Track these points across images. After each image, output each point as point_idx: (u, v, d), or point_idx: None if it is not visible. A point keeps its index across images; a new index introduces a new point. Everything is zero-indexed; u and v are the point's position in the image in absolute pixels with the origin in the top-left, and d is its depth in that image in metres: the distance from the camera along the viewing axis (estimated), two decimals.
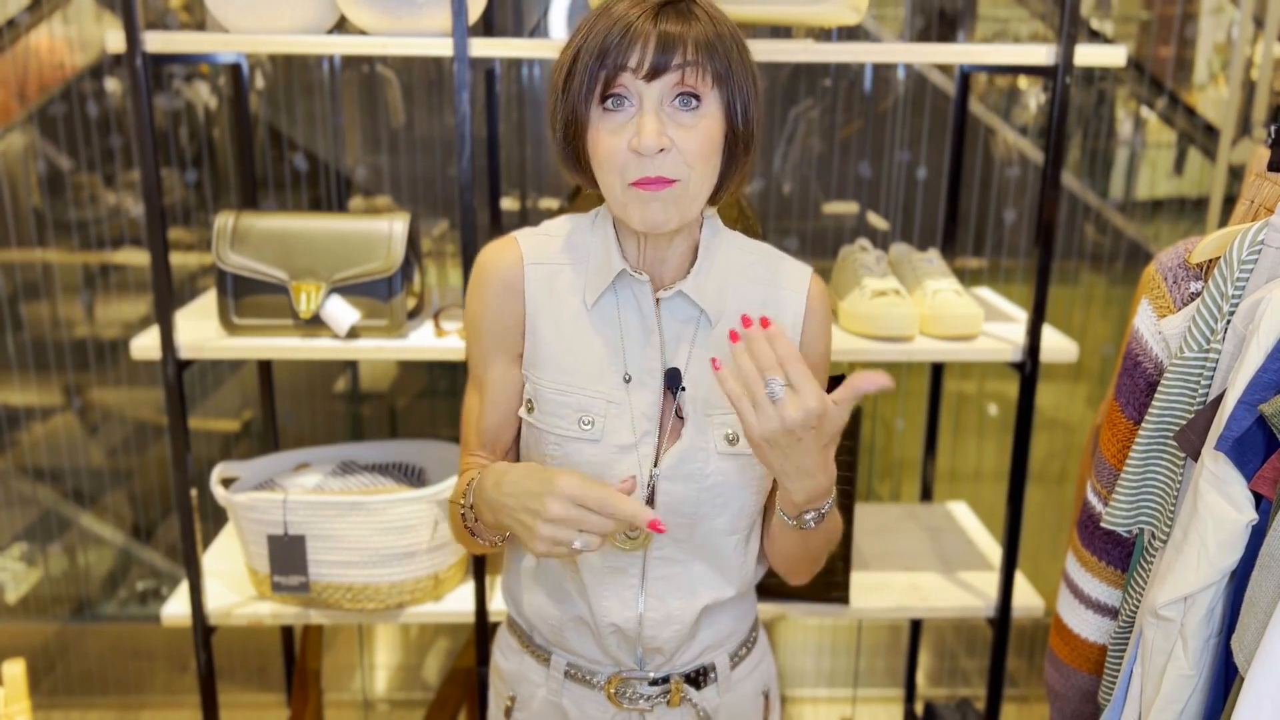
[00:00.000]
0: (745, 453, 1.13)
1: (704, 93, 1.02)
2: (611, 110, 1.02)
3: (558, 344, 1.13)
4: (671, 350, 1.13)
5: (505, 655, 1.29)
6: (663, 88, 1.01)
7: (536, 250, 1.15)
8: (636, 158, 1.01)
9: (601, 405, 1.11)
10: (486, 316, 1.15)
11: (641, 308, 1.13)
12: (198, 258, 2.50)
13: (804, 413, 0.93)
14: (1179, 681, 0.99)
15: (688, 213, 1.05)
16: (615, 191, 1.04)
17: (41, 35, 2.36)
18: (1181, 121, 2.53)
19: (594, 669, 1.21)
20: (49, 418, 2.57)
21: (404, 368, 2.64)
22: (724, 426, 1.12)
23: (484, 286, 1.15)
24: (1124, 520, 1.13)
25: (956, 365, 2.55)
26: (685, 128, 1.01)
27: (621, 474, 1.12)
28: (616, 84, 1.01)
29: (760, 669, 1.29)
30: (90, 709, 2.66)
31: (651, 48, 0.99)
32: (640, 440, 1.11)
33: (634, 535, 1.14)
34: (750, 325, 0.96)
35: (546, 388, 1.13)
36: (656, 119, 1.00)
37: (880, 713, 2.72)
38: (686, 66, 1.00)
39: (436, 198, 2.44)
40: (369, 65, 2.36)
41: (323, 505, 1.63)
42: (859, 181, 2.44)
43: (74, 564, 2.67)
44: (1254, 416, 0.93)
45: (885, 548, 1.93)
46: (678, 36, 1.00)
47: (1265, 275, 1.00)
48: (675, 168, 1.02)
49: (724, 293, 1.14)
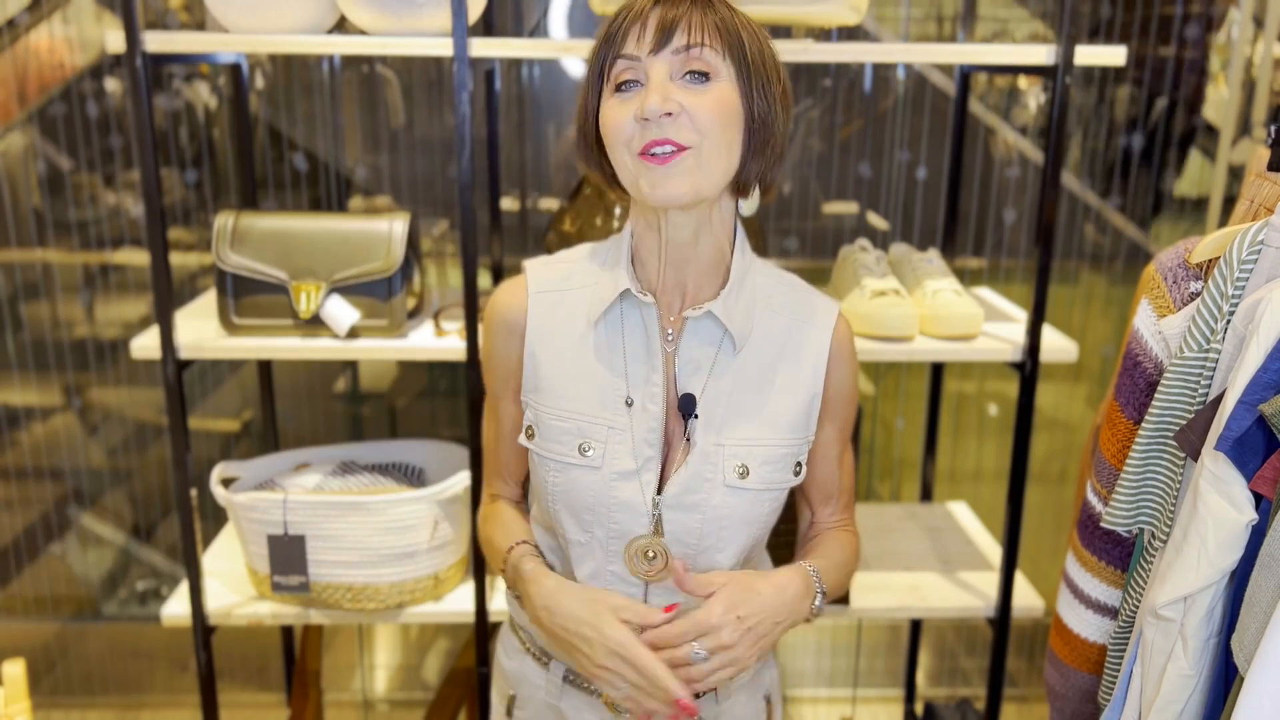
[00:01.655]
0: (754, 488, 1.11)
1: (714, 65, 1.01)
2: (623, 93, 1.03)
3: (558, 369, 1.13)
4: (688, 374, 1.12)
5: (508, 654, 1.29)
6: (671, 61, 1.01)
7: (544, 279, 1.17)
8: (644, 126, 1.00)
9: (603, 431, 1.10)
10: (493, 356, 1.19)
11: (647, 330, 1.11)
12: (198, 258, 2.51)
13: (715, 645, 1.05)
14: (1179, 681, 0.99)
15: (702, 185, 1.03)
16: (627, 167, 1.03)
17: (41, 35, 2.36)
18: (1182, 121, 2.53)
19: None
20: (49, 418, 2.57)
21: (404, 368, 2.64)
22: (735, 459, 1.11)
23: (489, 328, 1.19)
24: (1124, 520, 1.13)
25: (956, 365, 2.55)
26: (695, 93, 1.01)
27: (623, 500, 1.10)
28: (624, 64, 1.02)
29: (763, 675, 1.28)
30: (90, 709, 2.66)
31: (653, 22, 1.01)
32: (642, 467, 1.10)
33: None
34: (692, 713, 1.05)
35: (546, 414, 1.13)
36: (663, 86, 1.00)
37: (880, 713, 2.72)
38: (693, 34, 1.00)
39: (436, 198, 2.44)
40: (369, 65, 2.36)
41: (323, 505, 1.63)
42: (859, 181, 2.44)
43: (74, 564, 2.67)
44: (1254, 416, 0.93)
45: (885, 548, 1.93)
46: (682, 11, 1.01)
47: (1265, 275, 1.00)
48: (685, 133, 1.00)
49: (750, 319, 1.13)
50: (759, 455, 1.12)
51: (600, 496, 1.10)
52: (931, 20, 2.46)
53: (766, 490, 1.13)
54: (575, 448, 1.11)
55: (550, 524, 1.18)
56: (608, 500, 1.10)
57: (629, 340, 1.12)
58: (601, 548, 1.12)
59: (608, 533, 1.11)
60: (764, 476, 1.12)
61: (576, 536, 1.13)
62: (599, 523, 1.11)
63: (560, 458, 1.12)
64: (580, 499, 1.11)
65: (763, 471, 1.12)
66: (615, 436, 1.10)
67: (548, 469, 1.13)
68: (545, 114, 2.39)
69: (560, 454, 1.12)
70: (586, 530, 1.12)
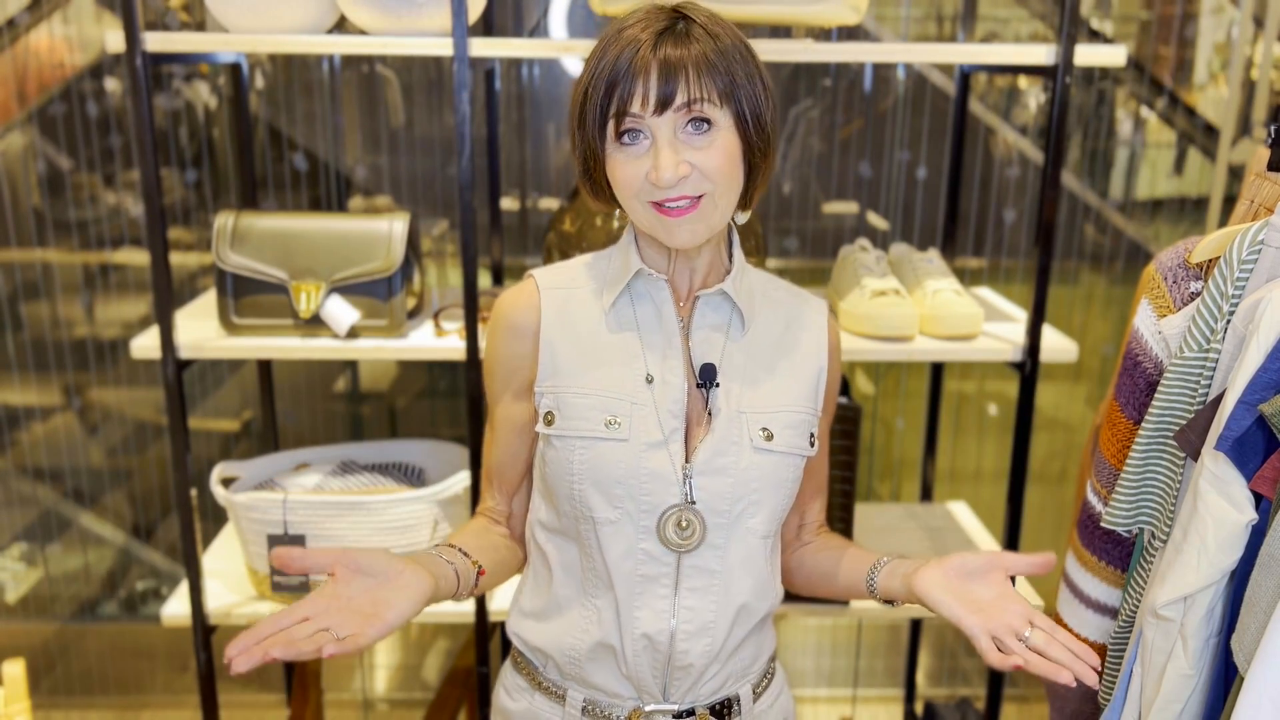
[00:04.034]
0: (779, 450, 1.13)
1: (714, 114, 1.03)
2: (627, 144, 1.05)
3: (576, 355, 1.14)
4: (702, 351, 1.15)
5: (512, 696, 1.24)
6: (673, 118, 1.03)
7: (553, 277, 1.19)
8: (656, 184, 1.04)
9: (626, 406, 1.11)
10: (497, 359, 1.19)
11: (661, 310, 1.14)
12: (198, 258, 2.51)
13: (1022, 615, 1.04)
14: (1179, 681, 0.99)
15: (715, 224, 1.07)
16: (640, 215, 1.07)
17: (41, 35, 2.36)
18: (1181, 121, 2.53)
19: (613, 704, 1.17)
20: (49, 418, 2.57)
21: (404, 368, 2.64)
22: (757, 424, 1.13)
23: (495, 331, 1.19)
24: (1124, 520, 1.13)
25: (956, 365, 2.55)
26: (701, 149, 1.04)
27: (653, 470, 1.10)
28: (627, 120, 1.03)
29: (780, 701, 1.28)
30: (90, 709, 2.66)
31: (655, 79, 1.01)
32: (669, 437, 1.11)
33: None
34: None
35: (569, 393, 1.13)
36: (672, 150, 1.03)
37: (880, 713, 2.72)
38: (692, 90, 1.01)
39: (436, 198, 2.44)
40: (369, 65, 2.36)
41: (323, 505, 1.63)
42: (859, 181, 2.44)
43: (74, 564, 2.67)
44: (1254, 416, 0.93)
45: (885, 547, 1.92)
46: (679, 62, 1.01)
47: (1265, 275, 1.00)
48: (697, 186, 1.04)
49: (753, 303, 1.18)
50: (780, 420, 1.14)
51: (631, 468, 1.10)
52: (931, 20, 2.46)
53: (790, 454, 1.14)
54: (601, 422, 1.11)
55: (571, 522, 1.15)
56: (638, 471, 1.10)
57: (643, 320, 1.15)
58: (632, 522, 1.11)
59: (639, 506, 1.11)
60: (787, 440, 1.14)
61: (606, 515, 1.12)
62: (629, 496, 1.11)
63: (587, 434, 1.12)
64: (610, 473, 1.10)
65: (785, 435, 1.14)
66: (639, 412, 1.11)
67: (572, 449, 1.12)
68: (545, 114, 2.39)
69: (587, 430, 1.12)
70: (617, 506, 1.11)
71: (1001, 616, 1.03)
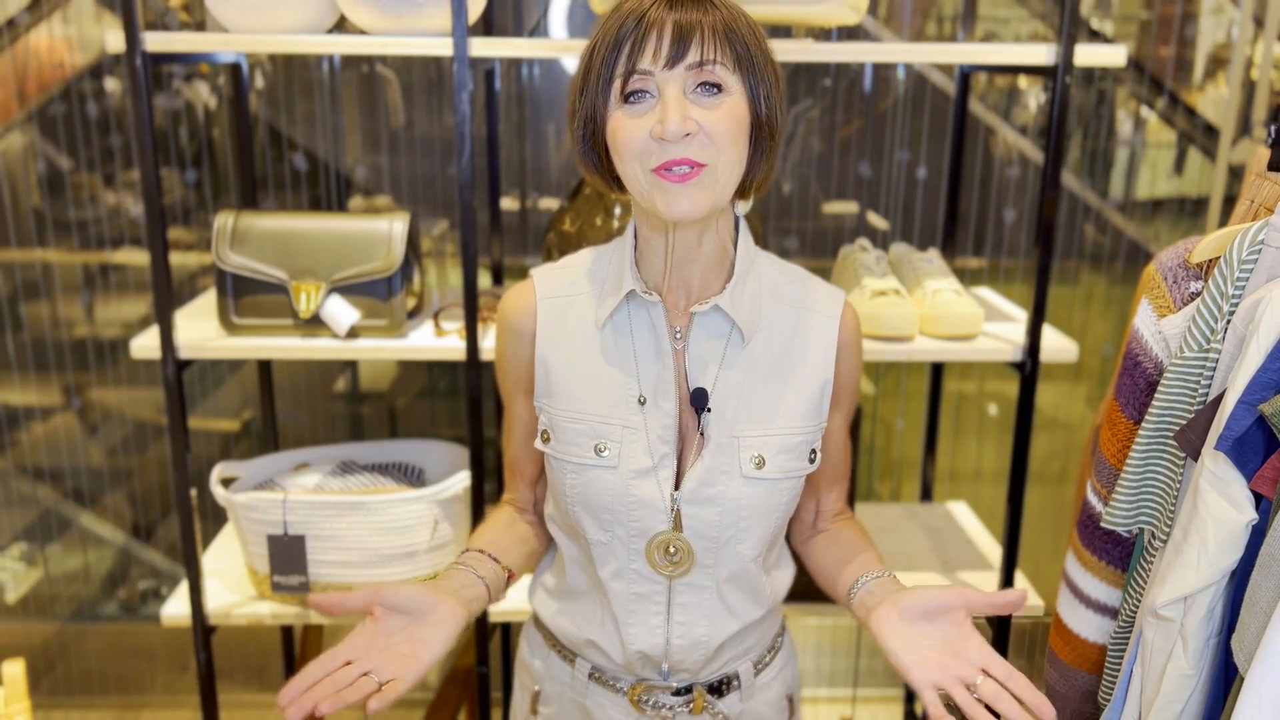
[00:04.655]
0: (770, 478, 1.11)
1: (725, 79, 1.00)
2: (633, 104, 1.01)
3: (570, 372, 1.13)
4: (698, 369, 1.12)
5: (532, 650, 1.29)
6: (684, 76, 0.99)
7: (551, 285, 1.17)
8: (659, 145, 0.99)
9: (617, 431, 1.10)
10: (505, 359, 1.20)
11: (655, 328, 1.12)
12: (198, 258, 2.51)
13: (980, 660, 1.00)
14: (1179, 681, 0.99)
15: (716, 199, 1.03)
16: (639, 181, 1.02)
17: (41, 35, 2.36)
18: (1181, 121, 2.53)
19: (618, 674, 1.21)
20: (49, 418, 2.57)
21: (404, 368, 2.64)
22: (751, 450, 1.11)
23: (500, 332, 1.20)
24: (1124, 520, 1.13)
25: (956, 365, 2.55)
26: (709, 110, 1.00)
27: (640, 498, 1.11)
28: (636, 78, 0.99)
29: (784, 674, 1.29)
30: (90, 709, 2.66)
31: (668, 35, 0.98)
32: (659, 464, 1.10)
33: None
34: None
35: (560, 417, 1.13)
36: (679, 104, 0.98)
37: (880, 713, 2.72)
38: (705, 50, 0.98)
39: (436, 198, 2.44)
40: (369, 65, 2.36)
41: (322, 505, 1.63)
42: (859, 181, 2.44)
43: (74, 564, 2.67)
44: (1254, 416, 0.93)
45: (885, 548, 1.93)
46: (694, 23, 0.99)
47: (1265, 275, 1.00)
48: (702, 151, 1.00)
49: (757, 311, 1.13)
50: (774, 444, 1.12)
51: (618, 495, 1.10)
52: (931, 20, 2.46)
53: (784, 479, 1.13)
54: (591, 449, 1.11)
55: (570, 527, 1.17)
56: (626, 499, 1.10)
57: (638, 340, 1.12)
58: (623, 546, 1.13)
59: (628, 531, 1.12)
60: (781, 465, 1.12)
61: (597, 536, 1.13)
62: (618, 522, 1.11)
63: (577, 459, 1.12)
64: (599, 499, 1.11)
65: (779, 460, 1.12)
66: (630, 436, 1.10)
67: (565, 471, 1.13)
68: (545, 114, 2.39)
69: (577, 456, 1.12)
70: (607, 530, 1.12)
71: (951, 666, 0.98)
